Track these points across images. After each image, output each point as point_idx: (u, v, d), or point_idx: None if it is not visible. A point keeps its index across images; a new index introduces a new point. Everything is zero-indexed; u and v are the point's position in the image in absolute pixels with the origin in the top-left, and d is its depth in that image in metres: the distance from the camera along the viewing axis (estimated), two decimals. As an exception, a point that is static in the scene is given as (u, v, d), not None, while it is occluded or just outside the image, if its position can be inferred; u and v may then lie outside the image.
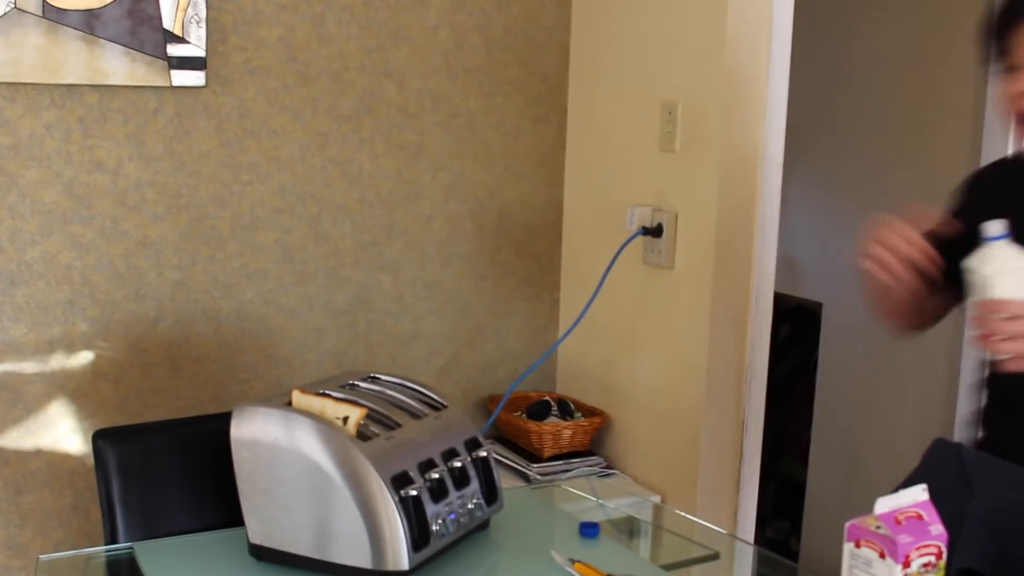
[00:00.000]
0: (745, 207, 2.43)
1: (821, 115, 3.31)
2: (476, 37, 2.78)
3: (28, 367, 2.38)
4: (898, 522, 1.22)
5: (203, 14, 2.40)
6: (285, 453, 1.39)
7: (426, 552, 1.39)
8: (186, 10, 2.38)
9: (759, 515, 2.63)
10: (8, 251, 2.33)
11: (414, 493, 1.37)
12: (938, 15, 2.97)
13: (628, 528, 1.65)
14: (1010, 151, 2.66)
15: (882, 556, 1.21)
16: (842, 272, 3.29)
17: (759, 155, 2.42)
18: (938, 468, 1.51)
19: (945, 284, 1.61)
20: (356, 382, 1.58)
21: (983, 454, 1.55)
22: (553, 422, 2.72)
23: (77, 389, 2.44)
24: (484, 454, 1.54)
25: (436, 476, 1.43)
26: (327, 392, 1.48)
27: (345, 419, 1.41)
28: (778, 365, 3.51)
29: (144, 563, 1.47)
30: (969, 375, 2.83)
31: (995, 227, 1.41)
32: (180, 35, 2.39)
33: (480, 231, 2.86)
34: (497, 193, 2.87)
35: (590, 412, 2.79)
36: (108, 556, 1.56)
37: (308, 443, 1.37)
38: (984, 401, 1.73)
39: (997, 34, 1.52)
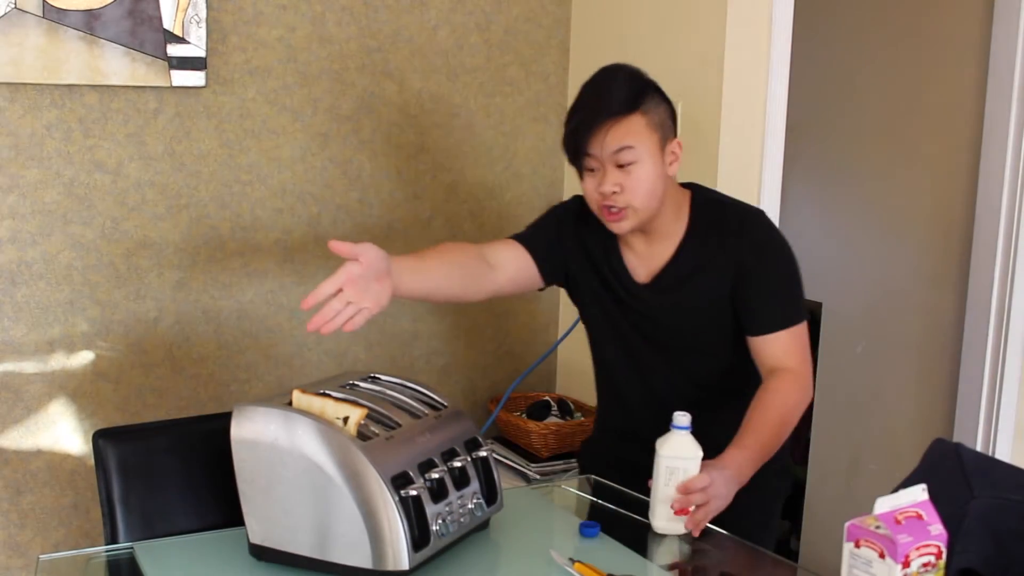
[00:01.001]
0: (745, 207, 2.43)
1: (821, 115, 3.31)
2: (476, 37, 2.78)
3: (28, 367, 2.38)
4: (898, 522, 1.22)
5: (203, 14, 2.40)
6: (285, 453, 1.39)
7: (426, 552, 1.39)
8: (186, 10, 2.38)
9: (759, 515, 2.63)
10: (8, 251, 2.33)
11: (414, 493, 1.38)
12: (938, 15, 2.97)
13: (628, 528, 1.65)
14: (1010, 151, 2.66)
15: (882, 556, 1.21)
16: (842, 272, 3.29)
17: (759, 155, 2.42)
18: (938, 468, 1.51)
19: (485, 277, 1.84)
20: (356, 382, 1.58)
21: (983, 454, 1.55)
22: (553, 422, 2.72)
23: (77, 389, 2.44)
24: (484, 454, 1.54)
25: (436, 476, 1.43)
26: (327, 392, 1.48)
27: (345, 419, 1.41)
28: (778, 365, 3.51)
29: (144, 563, 1.47)
30: (969, 375, 2.83)
31: (682, 419, 1.60)
32: (180, 35, 2.39)
33: (480, 231, 2.86)
34: (497, 193, 2.87)
35: (590, 412, 2.79)
36: (108, 556, 1.56)
37: (308, 443, 1.37)
38: None
39: (573, 143, 1.76)
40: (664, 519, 1.60)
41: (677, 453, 1.60)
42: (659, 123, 1.75)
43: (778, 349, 1.78)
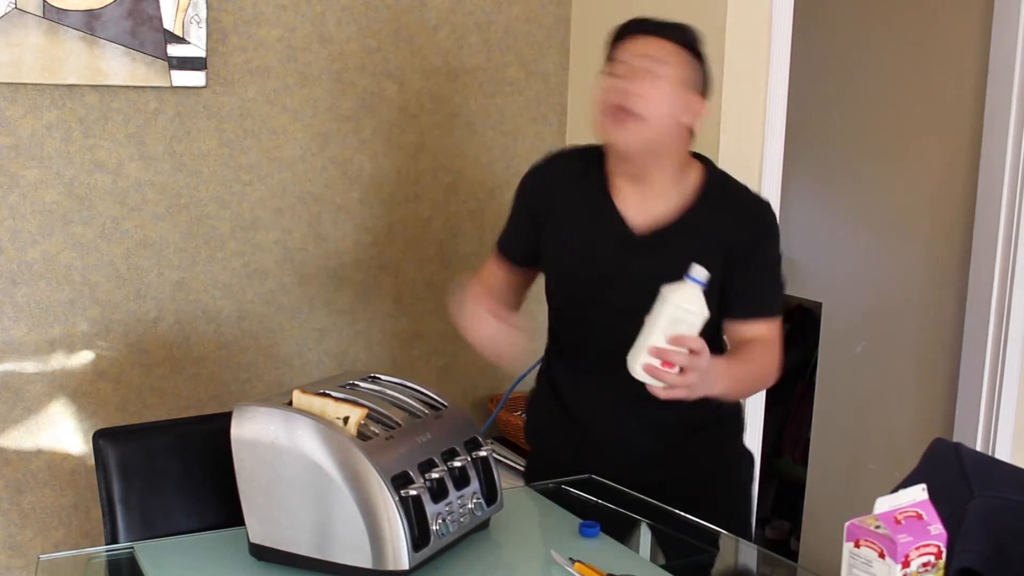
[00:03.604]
0: (745, 207, 2.43)
1: (821, 116, 3.31)
2: (476, 37, 2.78)
3: (29, 367, 2.39)
4: (898, 522, 1.22)
5: (203, 14, 2.40)
6: (285, 453, 1.39)
7: (426, 552, 1.39)
8: (186, 10, 2.38)
9: (759, 515, 2.63)
10: (9, 251, 2.33)
11: (414, 493, 1.38)
12: (937, 15, 2.97)
13: (628, 528, 1.65)
14: (1010, 151, 2.66)
15: (881, 556, 1.21)
16: (842, 272, 3.30)
17: (759, 155, 2.42)
18: (938, 468, 1.51)
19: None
20: (356, 382, 1.58)
21: (983, 454, 1.55)
22: (553, 422, 2.71)
23: (78, 389, 2.44)
24: (484, 454, 1.54)
25: (436, 476, 1.43)
26: (327, 392, 1.48)
27: (345, 419, 1.41)
28: (778, 365, 3.51)
29: (144, 563, 1.48)
30: (969, 375, 2.83)
31: (700, 272, 1.52)
32: (180, 35, 2.39)
33: (480, 231, 2.86)
34: (497, 193, 2.88)
35: (590, 412, 2.79)
36: (108, 556, 1.57)
37: (308, 443, 1.37)
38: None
39: (611, 43, 1.78)
40: (641, 364, 1.52)
41: (687, 304, 1.52)
42: (694, 69, 1.75)
43: (756, 334, 1.76)
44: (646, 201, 1.78)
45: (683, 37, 1.76)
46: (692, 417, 1.77)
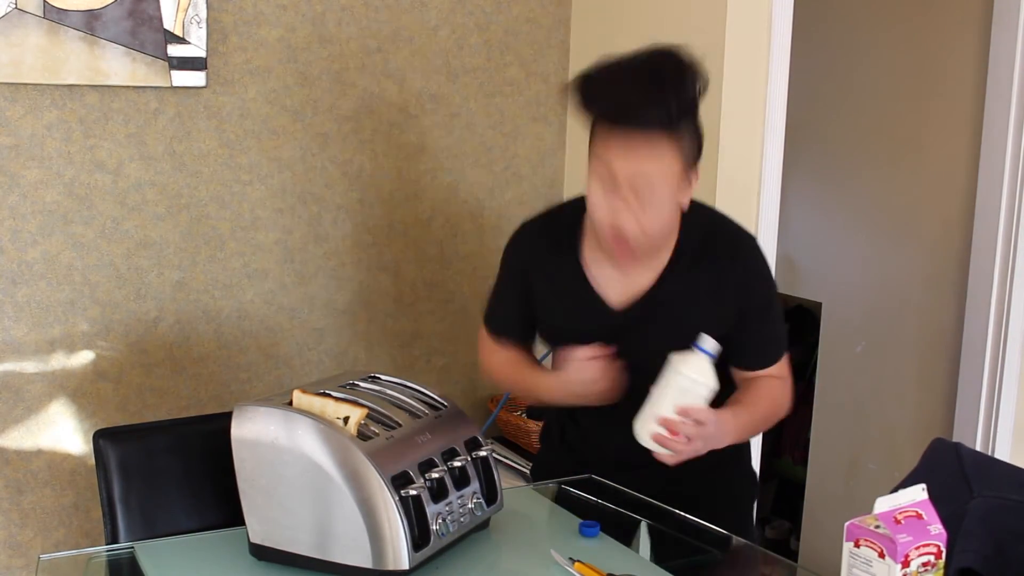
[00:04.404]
0: (745, 207, 2.43)
1: (821, 116, 3.31)
2: (476, 37, 2.78)
3: (29, 367, 2.39)
4: (897, 521, 1.22)
5: (203, 14, 2.40)
6: (286, 453, 1.39)
7: (426, 552, 1.39)
8: (186, 11, 2.38)
9: (759, 515, 2.63)
10: (9, 251, 2.34)
11: (414, 493, 1.38)
12: (937, 15, 2.97)
13: (628, 528, 1.65)
14: (1009, 151, 2.66)
15: (881, 555, 1.21)
16: (842, 272, 3.30)
17: (759, 155, 2.42)
18: (937, 468, 1.51)
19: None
20: (356, 382, 1.58)
21: (982, 454, 1.55)
22: (553, 422, 2.72)
23: (78, 389, 2.44)
24: (484, 454, 1.54)
25: (436, 476, 1.43)
26: (327, 392, 1.48)
27: (346, 419, 1.41)
28: (778, 365, 3.50)
29: (144, 563, 1.48)
30: (969, 375, 2.83)
31: (710, 344, 1.54)
32: (180, 35, 2.39)
33: (480, 231, 2.86)
34: (497, 193, 2.88)
35: (590, 412, 2.79)
36: (109, 556, 1.57)
37: (309, 443, 1.38)
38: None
39: (591, 113, 1.59)
40: (649, 432, 1.54)
41: (696, 375, 1.53)
42: (688, 144, 1.58)
43: (766, 375, 1.74)
44: (625, 274, 1.69)
45: (677, 111, 1.53)
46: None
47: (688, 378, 1.53)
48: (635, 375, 1.66)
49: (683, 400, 1.53)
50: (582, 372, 1.64)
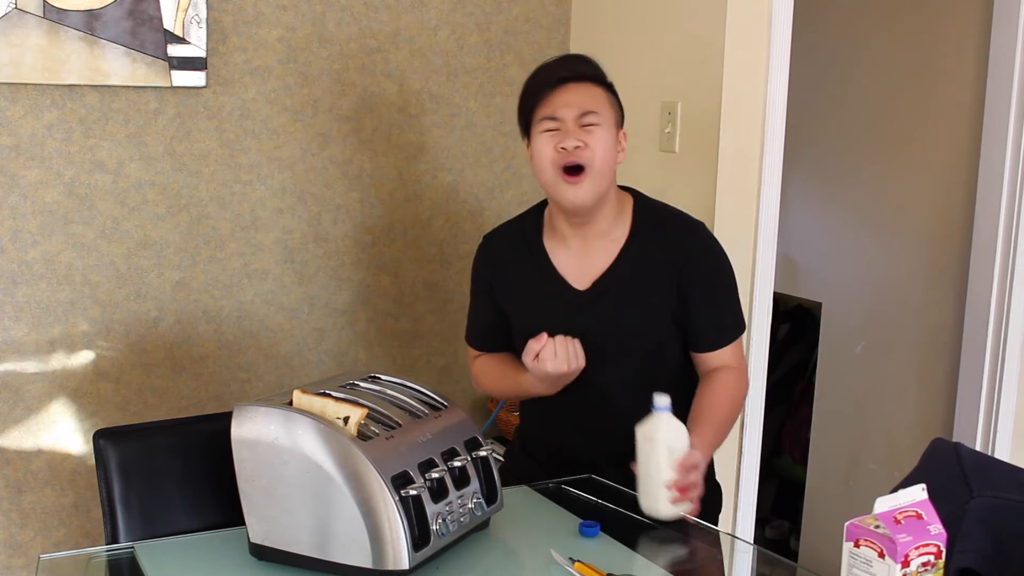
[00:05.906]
0: (745, 207, 2.43)
1: (821, 116, 3.31)
2: (476, 37, 2.78)
3: (29, 367, 2.39)
4: (897, 521, 1.22)
5: (203, 14, 2.40)
6: (286, 453, 1.39)
7: (426, 552, 1.39)
8: (186, 10, 2.38)
9: (759, 515, 2.63)
10: (9, 251, 2.34)
11: (414, 493, 1.38)
12: (937, 15, 2.97)
13: (628, 528, 1.65)
14: (1009, 151, 2.66)
15: (881, 555, 1.21)
16: (842, 272, 3.30)
17: (759, 155, 2.42)
18: (937, 468, 1.51)
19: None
20: (356, 382, 1.59)
21: (982, 454, 1.56)
22: (553, 422, 2.71)
23: (78, 389, 2.44)
24: (484, 454, 1.54)
25: (436, 476, 1.43)
26: (327, 392, 1.48)
27: (346, 419, 1.42)
28: (777, 365, 3.51)
29: (145, 562, 1.48)
30: (969, 375, 2.83)
31: (663, 400, 1.60)
32: (180, 35, 2.39)
33: (480, 231, 2.86)
34: (497, 193, 2.88)
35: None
36: (109, 555, 1.57)
37: (309, 443, 1.38)
38: None
39: (534, 97, 1.82)
40: (665, 500, 1.59)
41: (671, 435, 1.60)
42: (617, 105, 1.82)
43: (722, 358, 1.84)
44: (584, 255, 1.85)
45: (602, 76, 1.81)
46: None
47: (667, 440, 1.60)
48: (598, 352, 1.78)
49: (673, 459, 1.59)
50: (545, 353, 1.73)
